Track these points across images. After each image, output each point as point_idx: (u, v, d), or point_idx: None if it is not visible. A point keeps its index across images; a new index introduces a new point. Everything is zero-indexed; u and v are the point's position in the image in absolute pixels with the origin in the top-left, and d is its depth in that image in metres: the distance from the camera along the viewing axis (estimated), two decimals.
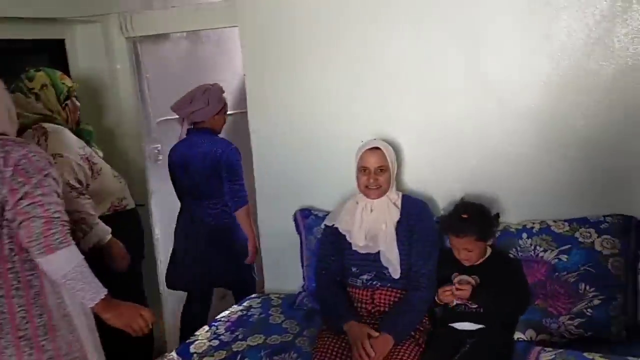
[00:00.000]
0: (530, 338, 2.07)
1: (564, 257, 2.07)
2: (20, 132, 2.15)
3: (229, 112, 3.81)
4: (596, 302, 2.02)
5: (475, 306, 2.00)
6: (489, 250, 2.08)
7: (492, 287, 1.98)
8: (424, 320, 2.10)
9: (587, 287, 2.03)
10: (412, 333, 2.02)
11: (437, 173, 2.35)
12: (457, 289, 1.96)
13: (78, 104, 2.46)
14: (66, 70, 2.97)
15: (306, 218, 2.54)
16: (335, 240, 2.26)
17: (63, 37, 2.93)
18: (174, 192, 3.08)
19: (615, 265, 2.04)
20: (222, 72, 3.73)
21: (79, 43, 3.01)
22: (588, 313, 2.02)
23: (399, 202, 2.21)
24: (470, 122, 2.26)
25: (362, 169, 2.18)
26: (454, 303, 2.03)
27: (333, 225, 2.26)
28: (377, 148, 2.17)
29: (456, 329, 2.02)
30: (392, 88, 2.35)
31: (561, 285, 2.06)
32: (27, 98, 2.24)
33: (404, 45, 2.29)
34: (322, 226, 2.37)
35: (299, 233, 2.56)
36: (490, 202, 2.26)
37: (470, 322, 2.01)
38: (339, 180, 2.48)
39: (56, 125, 2.27)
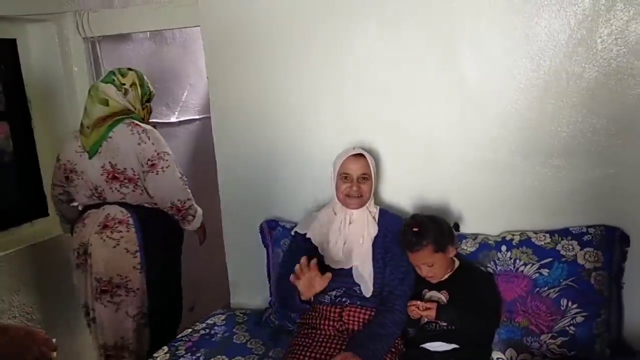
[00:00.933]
0: (511, 358, 1.95)
1: (545, 272, 1.95)
2: (107, 118, 2.32)
3: (195, 117, 3.67)
4: (579, 319, 1.90)
5: (445, 324, 1.86)
6: (456, 263, 1.96)
7: (462, 302, 1.86)
8: (397, 342, 1.95)
9: (570, 304, 1.92)
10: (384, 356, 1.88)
11: (412, 182, 2.21)
12: (425, 308, 1.84)
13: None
14: (18, 72, 2.78)
15: (273, 229, 2.39)
16: (306, 249, 2.10)
17: (14, 37, 2.73)
18: None
19: (598, 279, 1.92)
20: (188, 75, 3.57)
21: (32, 43, 2.81)
22: (571, 331, 1.90)
23: (377, 216, 2.08)
24: (447, 128, 2.13)
25: (343, 176, 2.04)
26: (424, 321, 1.90)
27: (305, 234, 2.12)
28: (361, 155, 2.05)
29: (429, 351, 1.89)
30: (363, 93, 2.20)
31: (542, 301, 1.94)
32: (118, 91, 2.37)
33: (376, 47, 2.15)
34: (292, 233, 2.22)
35: (265, 245, 2.41)
36: (469, 212, 2.15)
37: (442, 341, 1.88)
38: (307, 190, 2.35)
39: (149, 126, 2.39)
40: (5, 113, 2.75)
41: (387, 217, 2.10)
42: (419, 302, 1.87)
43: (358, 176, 2.03)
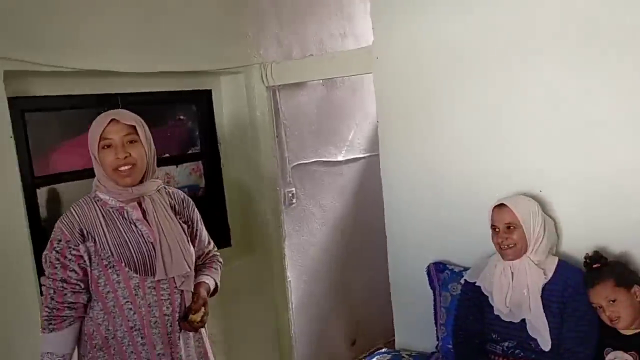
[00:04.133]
0: None
1: None
2: None
3: (360, 156, 3.83)
4: None
5: None
6: None
7: None
8: None
9: None
10: None
11: (592, 232, 2.08)
12: None
13: None
14: (211, 118, 3.16)
15: (441, 272, 2.41)
16: (475, 299, 2.11)
17: (210, 88, 3.13)
18: (306, 235, 3.20)
19: None
20: (354, 116, 3.75)
21: (224, 92, 3.19)
22: None
23: (548, 266, 2.01)
24: (631, 173, 1.99)
25: (492, 228, 2.06)
26: None
27: (474, 282, 2.12)
28: (503, 205, 2.03)
29: None
30: (537, 135, 2.16)
31: None
32: None
33: (554, 86, 2.09)
34: (462, 281, 2.23)
35: (433, 288, 2.43)
36: None
37: None
38: (476, 235, 2.31)
39: None
40: (200, 154, 3.14)
41: (567, 270, 2.01)
42: None
43: (503, 227, 2.01)
